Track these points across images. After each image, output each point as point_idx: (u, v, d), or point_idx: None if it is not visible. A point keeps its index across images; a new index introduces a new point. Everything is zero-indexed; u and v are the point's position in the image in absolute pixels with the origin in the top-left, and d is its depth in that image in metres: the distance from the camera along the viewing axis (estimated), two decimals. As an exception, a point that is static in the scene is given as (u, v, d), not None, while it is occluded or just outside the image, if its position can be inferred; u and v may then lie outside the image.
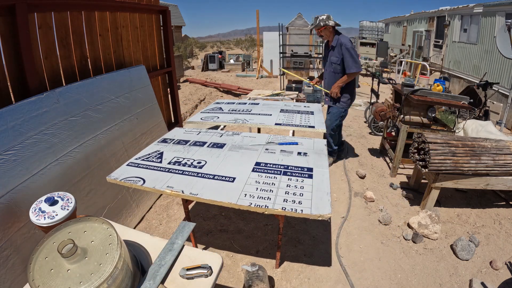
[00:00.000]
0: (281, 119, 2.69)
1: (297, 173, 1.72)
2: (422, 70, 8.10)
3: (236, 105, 3.23)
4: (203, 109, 3.02)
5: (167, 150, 2.03)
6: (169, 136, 2.32)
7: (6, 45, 1.77)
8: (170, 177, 1.66)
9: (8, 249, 1.46)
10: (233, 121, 2.63)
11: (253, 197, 1.48)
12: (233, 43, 30.65)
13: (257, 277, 1.71)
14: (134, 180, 1.63)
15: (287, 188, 1.56)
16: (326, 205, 1.41)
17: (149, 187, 1.57)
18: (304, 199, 1.47)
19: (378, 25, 16.98)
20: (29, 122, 1.69)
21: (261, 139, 2.25)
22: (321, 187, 1.57)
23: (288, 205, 1.42)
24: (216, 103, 3.34)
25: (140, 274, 1.06)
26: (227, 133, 2.37)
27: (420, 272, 1.99)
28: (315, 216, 1.35)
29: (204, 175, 1.69)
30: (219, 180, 1.65)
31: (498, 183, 2.43)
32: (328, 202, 1.44)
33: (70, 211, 1.22)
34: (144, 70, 2.95)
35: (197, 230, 2.37)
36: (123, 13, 2.80)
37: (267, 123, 2.58)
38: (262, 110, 3.02)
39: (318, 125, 2.55)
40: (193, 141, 2.20)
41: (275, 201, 1.45)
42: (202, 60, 12.98)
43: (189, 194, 1.50)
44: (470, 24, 7.90)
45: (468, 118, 4.06)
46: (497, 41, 6.13)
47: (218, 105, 3.22)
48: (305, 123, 2.60)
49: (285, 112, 2.94)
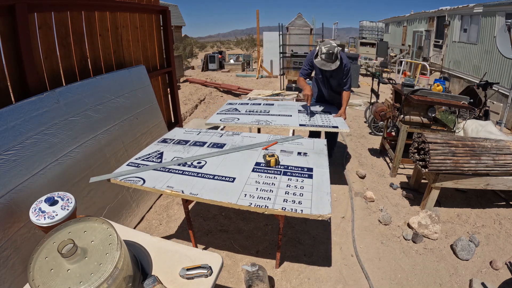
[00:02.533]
0: (303, 120, 2.67)
1: (297, 173, 1.72)
2: (422, 70, 8.11)
3: (251, 106, 3.18)
4: (218, 110, 2.95)
5: (167, 150, 2.03)
6: (169, 136, 2.32)
7: (6, 45, 1.76)
8: (170, 177, 1.66)
9: (8, 249, 1.46)
10: (255, 122, 2.58)
11: (253, 197, 1.48)
12: (233, 43, 30.64)
13: (257, 277, 1.71)
14: (134, 180, 1.63)
15: (287, 188, 1.56)
16: (326, 205, 1.41)
17: (149, 187, 1.56)
18: (304, 199, 1.47)
19: (378, 25, 17.01)
20: (29, 122, 1.69)
21: (261, 139, 2.25)
22: (321, 187, 1.57)
23: (288, 205, 1.42)
24: (229, 104, 3.27)
25: (140, 274, 1.06)
26: (227, 133, 2.37)
27: (420, 272, 1.99)
28: (315, 216, 1.35)
29: (204, 175, 1.69)
30: (219, 180, 1.64)
31: (498, 183, 2.43)
32: (328, 202, 1.44)
33: (70, 211, 1.22)
34: (144, 70, 2.95)
35: (197, 230, 2.37)
36: (123, 13, 2.80)
37: (291, 124, 2.56)
38: (280, 111, 3.00)
39: (341, 125, 2.58)
40: (193, 141, 2.20)
41: (275, 201, 1.44)
42: (202, 60, 12.97)
43: (189, 194, 1.50)
44: (470, 24, 7.90)
45: (468, 118, 4.06)
46: (497, 41, 6.14)
47: (232, 106, 3.15)
48: (327, 124, 2.61)
49: (304, 112, 2.91)
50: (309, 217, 1.37)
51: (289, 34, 8.12)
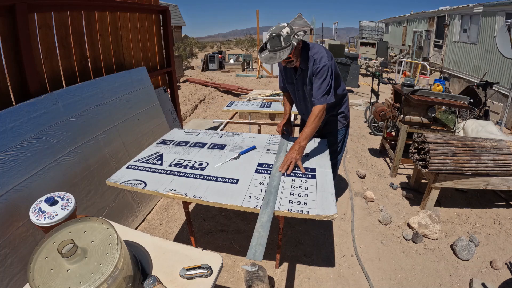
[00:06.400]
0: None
1: (300, 173, 1.71)
2: (422, 70, 8.11)
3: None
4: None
5: (167, 152, 2.00)
6: (168, 137, 2.29)
7: (6, 45, 1.76)
8: (172, 180, 1.63)
9: (6, 248, 1.47)
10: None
11: (258, 199, 1.45)
12: (233, 43, 30.65)
13: (257, 277, 1.71)
14: (135, 183, 1.59)
15: (291, 189, 1.54)
16: (332, 206, 1.40)
17: (150, 190, 1.53)
18: (309, 200, 1.45)
19: (378, 25, 17.00)
20: (28, 123, 1.70)
21: (261, 139, 2.24)
22: (325, 188, 1.56)
23: (294, 206, 1.40)
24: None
25: (140, 274, 1.06)
26: (227, 133, 2.36)
27: (420, 272, 1.98)
28: (321, 217, 1.34)
29: (207, 177, 1.65)
30: (222, 182, 1.61)
31: (498, 183, 2.43)
32: (333, 202, 1.43)
33: (70, 211, 1.22)
34: (145, 71, 2.95)
35: (197, 230, 2.37)
36: (123, 13, 2.80)
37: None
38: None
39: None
40: (193, 142, 2.17)
41: (280, 203, 1.43)
42: (202, 60, 12.97)
43: (192, 197, 1.46)
44: (470, 24, 7.90)
45: (468, 118, 4.06)
46: (497, 41, 6.14)
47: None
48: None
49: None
50: (315, 218, 1.36)
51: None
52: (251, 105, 3.52)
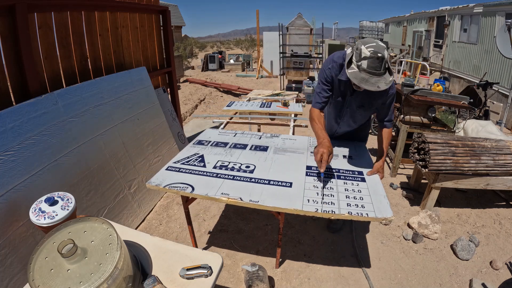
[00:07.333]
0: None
1: (351, 176, 1.69)
2: (422, 70, 8.10)
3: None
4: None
5: (208, 153, 1.93)
6: (204, 137, 2.21)
7: (6, 45, 1.76)
8: (222, 183, 1.55)
9: (6, 248, 1.47)
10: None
11: (317, 203, 1.44)
12: (233, 43, 30.65)
13: (257, 277, 1.71)
14: (181, 187, 1.51)
15: (346, 192, 1.53)
16: (387, 208, 1.41)
17: (200, 195, 1.46)
18: (365, 202, 1.46)
19: (378, 25, 17.00)
20: (28, 123, 1.70)
21: (302, 141, 2.19)
22: (376, 190, 1.56)
23: (353, 209, 1.40)
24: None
25: (140, 274, 1.06)
26: (266, 135, 2.30)
27: (420, 272, 1.98)
28: (380, 220, 1.36)
29: (258, 180, 1.60)
30: (275, 185, 1.56)
31: (498, 183, 2.43)
32: (388, 205, 1.44)
33: (70, 211, 1.22)
34: (145, 71, 2.95)
35: (197, 230, 2.37)
36: (123, 13, 2.80)
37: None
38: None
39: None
40: (233, 143, 2.10)
41: (339, 206, 1.42)
42: (202, 60, 12.98)
43: (248, 201, 1.41)
44: (470, 24, 7.90)
45: (468, 118, 4.06)
46: (497, 41, 6.13)
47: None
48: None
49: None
50: (374, 221, 1.38)
51: (289, 34, 8.12)
52: (251, 105, 3.52)
